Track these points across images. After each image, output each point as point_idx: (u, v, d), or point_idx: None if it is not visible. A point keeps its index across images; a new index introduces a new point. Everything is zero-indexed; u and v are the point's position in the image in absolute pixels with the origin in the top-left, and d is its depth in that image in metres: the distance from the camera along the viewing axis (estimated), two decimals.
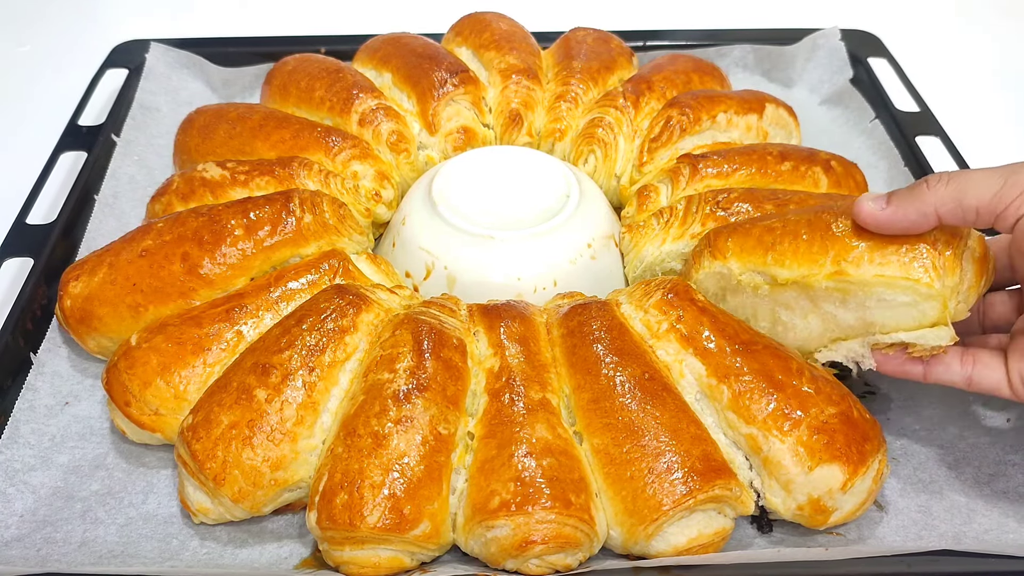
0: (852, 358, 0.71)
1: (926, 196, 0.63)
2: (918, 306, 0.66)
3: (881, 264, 0.66)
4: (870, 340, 0.69)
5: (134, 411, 0.75)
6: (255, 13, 1.52)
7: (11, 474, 0.75)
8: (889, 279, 0.66)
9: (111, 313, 0.81)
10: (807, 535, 0.71)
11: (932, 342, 0.66)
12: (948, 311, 0.65)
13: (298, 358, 0.71)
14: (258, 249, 0.82)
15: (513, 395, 0.71)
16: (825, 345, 0.72)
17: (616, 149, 1.00)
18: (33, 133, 1.17)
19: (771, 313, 0.74)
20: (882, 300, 0.67)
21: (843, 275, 0.67)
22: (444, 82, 1.03)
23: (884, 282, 0.66)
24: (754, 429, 0.69)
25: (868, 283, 0.67)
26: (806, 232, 0.70)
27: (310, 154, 0.96)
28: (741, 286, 0.75)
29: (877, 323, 0.68)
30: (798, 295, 0.71)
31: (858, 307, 0.68)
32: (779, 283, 0.72)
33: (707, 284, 0.78)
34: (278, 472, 0.69)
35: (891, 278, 0.66)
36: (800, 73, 1.24)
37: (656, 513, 0.65)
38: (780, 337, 0.74)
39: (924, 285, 0.65)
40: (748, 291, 0.75)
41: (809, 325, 0.72)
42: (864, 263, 0.67)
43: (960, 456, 0.77)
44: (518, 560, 0.66)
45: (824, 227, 0.70)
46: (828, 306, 0.70)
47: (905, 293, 0.66)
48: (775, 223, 0.73)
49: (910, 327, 0.67)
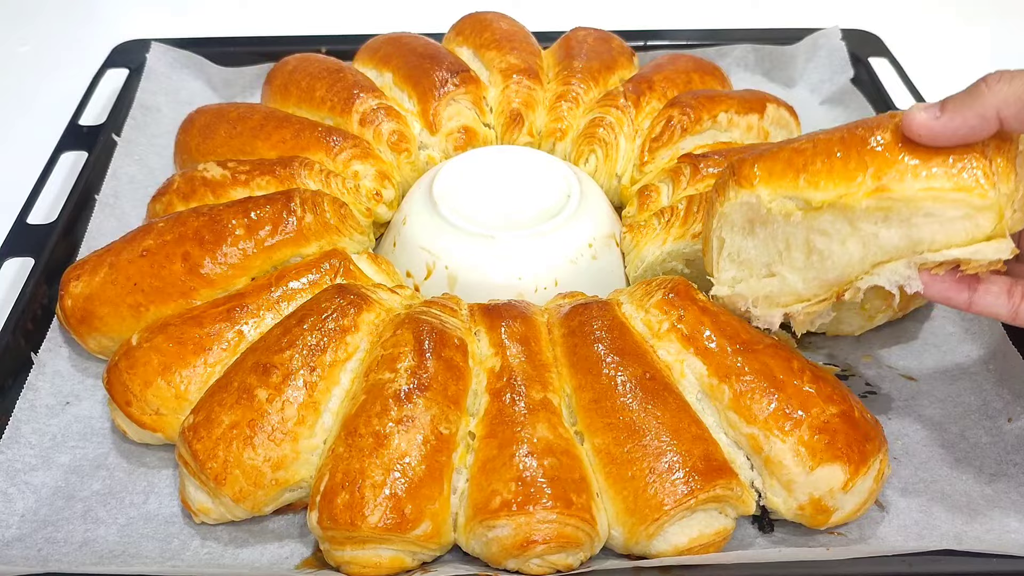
0: (896, 281, 0.64)
1: (986, 97, 0.56)
2: (972, 219, 0.60)
3: (928, 177, 0.59)
4: (917, 260, 0.63)
5: (135, 411, 0.75)
6: (255, 13, 1.52)
7: (12, 474, 0.74)
8: (938, 192, 0.59)
9: (112, 313, 0.81)
10: (808, 535, 0.71)
11: (990, 256, 0.60)
12: (1005, 221, 0.59)
13: (299, 358, 0.71)
14: (259, 249, 0.82)
15: (514, 395, 0.71)
16: (867, 271, 0.65)
17: (617, 149, 1.00)
18: (33, 133, 1.16)
19: (805, 242, 0.67)
20: (930, 215, 0.60)
21: (885, 191, 0.61)
22: (445, 82, 1.03)
23: (932, 196, 0.59)
24: (755, 429, 0.69)
25: (914, 198, 0.60)
26: (840, 149, 0.63)
27: (311, 154, 0.96)
28: (771, 215, 0.68)
29: (925, 240, 0.62)
30: (835, 218, 0.64)
31: (903, 224, 0.62)
32: (814, 207, 0.65)
33: (734, 217, 0.71)
34: (279, 472, 0.69)
35: (940, 190, 0.59)
36: (801, 73, 1.24)
37: (657, 513, 0.65)
38: (816, 268, 0.68)
39: (977, 195, 0.58)
40: (779, 220, 0.68)
41: (848, 251, 0.65)
42: (908, 177, 0.60)
43: (961, 456, 0.77)
44: (519, 560, 0.66)
45: (860, 142, 0.62)
46: (869, 227, 0.63)
47: (956, 206, 0.59)
48: (804, 144, 0.66)
49: (963, 242, 0.61)
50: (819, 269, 0.68)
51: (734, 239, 0.72)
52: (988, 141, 0.59)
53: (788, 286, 0.70)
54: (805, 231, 0.67)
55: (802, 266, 0.68)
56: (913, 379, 0.84)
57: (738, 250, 0.72)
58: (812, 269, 0.68)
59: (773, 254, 0.70)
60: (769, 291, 0.71)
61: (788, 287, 0.70)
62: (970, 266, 0.62)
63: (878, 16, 1.44)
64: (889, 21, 1.37)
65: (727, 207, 0.71)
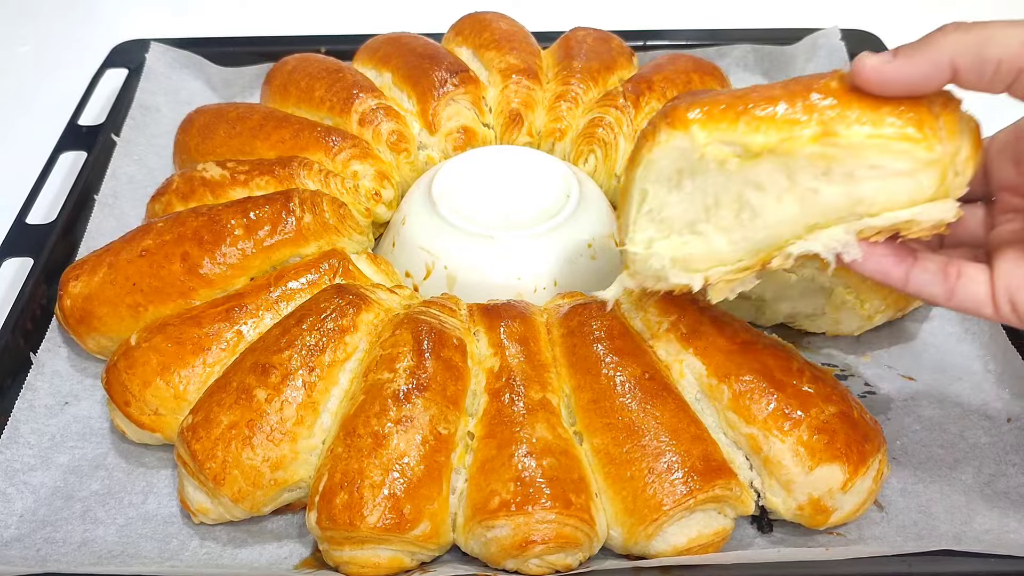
0: (834, 248, 0.60)
1: (941, 43, 0.53)
2: (915, 176, 0.57)
3: (875, 123, 0.56)
4: (856, 226, 0.59)
5: (134, 411, 0.75)
6: (255, 13, 1.52)
7: (11, 474, 0.75)
8: (885, 140, 0.56)
9: (111, 313, 0.81)
10: (807, 535, 0.71)
11: (935, 216, 0.58)
12: (948, 181, 0.57)
13: (298, 358, 0.71)
14: (258, 249, 0.82)
15: (513, 395, 0.71)
16: (799, 235, 0.61)
17: (616, 149, 1.00)
18: (33, 133, 1.16)
19: (737, 197, 0.61)
20: (875, 167, 0.57)
21: (831, 136, 0.57)
22: (444, 82, 1.03)
23: (878, 145, 0.56)
24: (754, 429, 0.69)
25: (860, 146, 0.57)
26: (784, 95, 0.59)
27: (310, 154, 0.96)
28: (704, 162, 0.61)
29: (866, 200, 0.58)
30: (774, 168, 0.59)
31: (845, 178, 0.58)
32: (752, 153, 0.59)
33: (661, 164, 0.63)
34: (278, 472, 0.69)
35: (887, 138, 0.56)
36: (800, 73, 1.24)
37: (656, 513, 0.65)
38: (747, 226, 0.62)
39: (924, 147, 0.56)
40: (712, 169, 0.61)
41: (783, 208, 0.60)
42: (855, 124, 0.57)
43: (960, 456, 0.77)
44: (518, 560, 0.66)
45: (806, 88, 0.59)
46: (809, 180, 0.59)
47: (901, 159, 0.56)
48: (747, 90, 0.61)
49: (905, 203, 0.58)
50: (749, 228, 0.62)
51: (658, 192, 0.64)
52: (935, 98, 0.57)
53: (712, 248, 0.64)
54: (739, 184, 0.61)
55: (730, 225, 0.63)
56: (912, 379, 0.84)
57: (660, 206, 0.65)
58: (741, 228, 0.62)
59: (699, 210, 0.63)
60: (688, 252, 0.64)
61: (712, 249, 0.64)
62: (911, 231, 0.59)
63: (878, 16, 1.44)
64: (889, 21, 1.37)
65: (656, 152, 0.63)
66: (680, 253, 0.64)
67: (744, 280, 0.64)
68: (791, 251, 0.61)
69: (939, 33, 0.54)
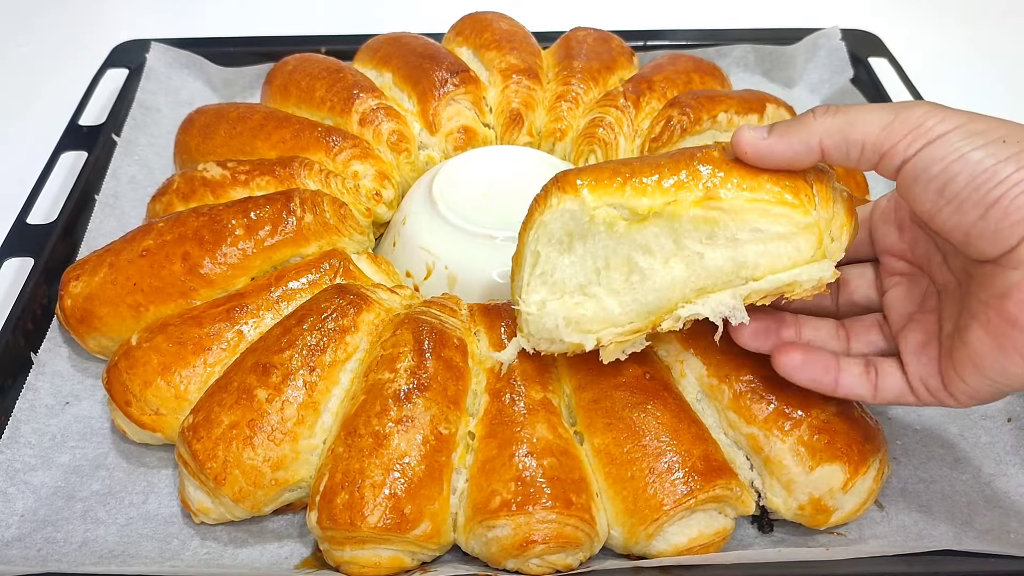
0: (722, 312, 0.63)
1: (812, 125, 0.58)
2: (793, 240, 0.61)
3: (755, 188, 0.60)
4: (743, 290, 0.63)
5: (135, 411, 0.75)
6: (255, 13, 1.52)
7: (12, 474, 0.75)
8: (764, 204, 0.60)
9: (112, 313, 0.81)
10: (808, 535, 0.71)
11: (815, 276, 0.61)
12: (825, 245, 0.61)
13: (299, 358, 0.71)
14: (259, 249, 0.82)
15: (514, 395, 0.71)
16: (688, 299, 0.64)
17: (617, 149, 1.00)
18: (33, 133, 1.17)
19: (627, 261, 0.64)
20: (756, 231, 0.61)
21: (714, 199, 0.60)
22: (444, 82, 1.03)
23: (758, 209, 0.60)
24: (755, 429, 0.69)
25: (741, 210, 0.60)
26: (668, 164, 0.62)
27: (311, 154, 0.96)
28: (593, 225, 0.63)
29: (750, 263, 0.62)
30: (660, 232, 0.62)
31: (728, 243, 0.61)
32: (639, 216, 0.62)
33: (552, 227, 0.64)
34: (279, 472, 0.69)
35: (766, 203, 0.60)
36: (801, 73, 1.24)
37: (657, 513, 0.65)
38: (637, 289, 0.64)
39: (800, 212, 0.60)
40: (601, 232, 0.63)
41: (671, 271, 0.63)
42: (735, 189, 0.60)
43: (961, 456, 0.77)
44: (519, 560, 0.66)
45: (690, 156, 0.62)
46: (695, 244, 0.62)
47: (780, 222, 0.60)
48: (635, 159, 0.64)
49: (786, 266, 0.62)
50: (639, 291, 0.64)
51: (550, 254, 0.66)
52: (808, 170, 0.61)
53: (603, 309, 0.65)
54: (628, 247, 0.63)
55: (620, 288, 0.65)
56: None
57: (552, 268, 0.66)
58: (631, 291, 0.65)
59: (590, 272, 0.65)
60: (581, 313, 0.66)
61: (603, 310, 0.65)
62: (794, 292, 0.62)
63: (878, 16, 1.44)
64: (889, 21, 1.37)
65: (547, 215, 0.64)
66: (573, 314, 0.66)
67: (635, 341, 0.66)
68: (680, 314, 0.64)
69: (810, 115, 0.59)
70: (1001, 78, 1.37)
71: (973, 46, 1.44)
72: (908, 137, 0.55)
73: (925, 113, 0.55)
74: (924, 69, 1.23)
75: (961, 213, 0.54)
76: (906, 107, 0.56)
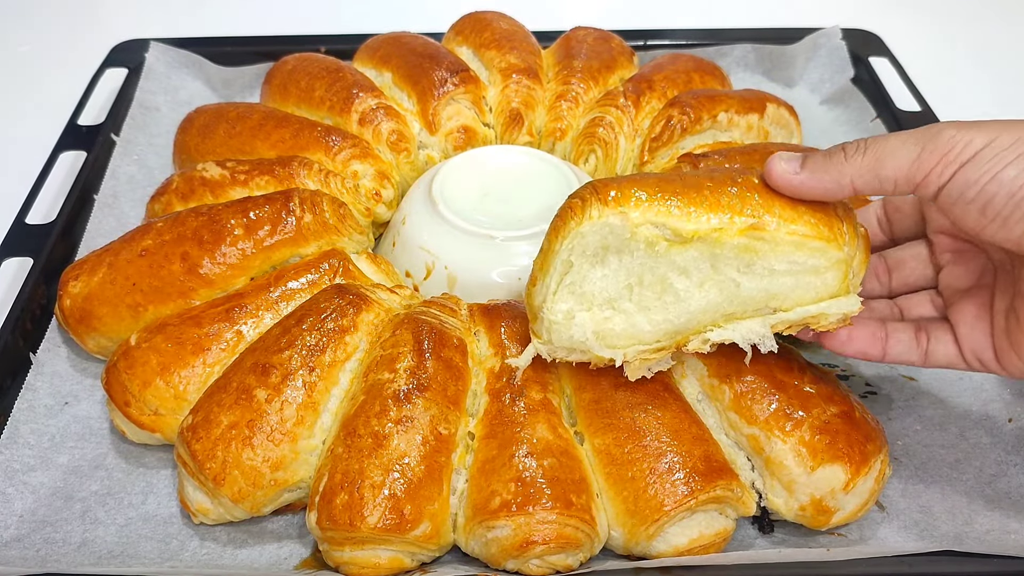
0: (751, 340, 0.64)
1: (843, 167, 0.60)
2: (823, 274, 0.63)
3: (796, 222, 0.62)
4: (771, 319, 0.64)
5: (134, 411, 0.74)
6: (255, 13, 1.52)
7: (10, 474, 0.74)
8: (802, 238, 0.62)
9: (111, 313, 0.81)
10: (808, 536, 0.71)
11: (842, 310, 0.64)
12: (848, 280, 0.64)
13: (298, 358, 0.71)
14: (258, 249, 0.82)
15: (514, 395, 0.71)
16: (716, 323, 0.65)
17: (617, 148, 1.00)
18: (33, 133, 1.16)
19: (661, 279, 0.63)
20: (793, 263, 0.62)
21: (759, 230, 0.61)
22: (444, 81, 1.03)
23: (796, 242, 0.62)
24: (756, 429, 0.68)
25: (781, 242, 0.62)
26: (710, 184, 0.62)
27: (310, 153, 0.96)
28: (633, 242, 0.62)
29: (780, 295, 0.63)
30: (699, 256, 0.62)
31: (764, 273, 0.63)
32: (683, 238, 0.61)
33: (589, 239, 0.62)
34: (278, 472, 0.69)
35: (804, 237, 0.62)
36: (801, 72, 1.24)
37: (657, 513, 0.65)
38: (669, 309, 0.64)
39: (834, 246, 0.62)
40: (640, 249, 0.62)
41: (705, 295, 0.63)
42: (779, 220, 0.62)
43: (961, 456, 0.77)
44: (519, 560, 0.66)
45: (731, 181, 0.63)
46: (732, 271, 0.63)
47: (815, 256, 0.62)
48: (672, 176, 0.64)
49: (812, 299, 0.64)
50: (671, 311, 0.64)
51: (582, 265, 0.63)
52: (837, 205, 0.64)
53: (633, 326, 0.64)
54: (665, 267, 0.63)
55: (652, 306, 0.64)
56: (913, 379, 0.84)
57: (583, 279, 0.64)
58: (663, 310, 0.64)
59: (622, 288, 0.64)
60: (610, 327, 0.64)
61: (633, 327, 0.64)
62: (820, 324, 0.65)
63: (878, 16, 1.44)
64: (889, 21, 1.37)
65: (586, 226, 0.62)
66: (602, 327, 0.65)
67: (660, 360, 0.66)
68: (709, 337, 0.65)
69: (840, 155, 0.60)
70: (1002, 77, 1.37)
71: (974, 45, 1.44)
72: (939, 166, 0.56)
73: (952, 138, 0.56)
74: (925, 68, 1.22)
75: (1007, 229, 0.56)
76: (932, 135, 0.57)
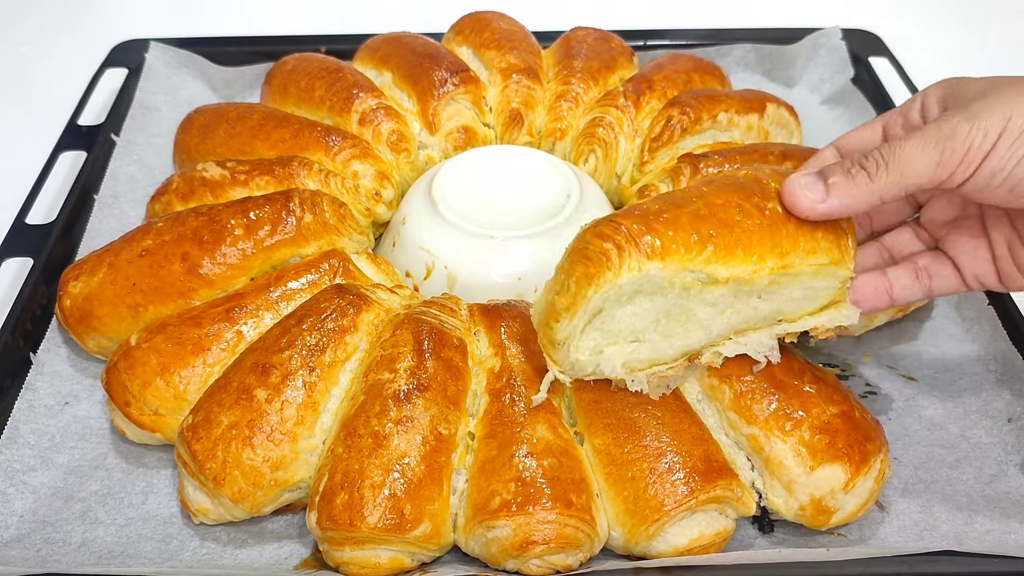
0: (763, 352, 0.68)
1: (871, 187, 0.61)
2: (828, 291, 0.67)
3: (814, 253, 0.64)
4: (777, 330, 0.68)
5: (134, 411, 0.74)
6: (255, 13, 1.52)
7: (11, 474, 0.74)
8: (819, 266, 0.65)
9: (111, 313, 0.81)
10: (808, 536, 0.71)
11: (843, 323, 0.68)
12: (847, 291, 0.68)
13: (298, 358, 0.71)
14: (258, 249, 0.82)
15: (514, 395, 0.71)
16: (728, 337, 0.68)
17: (617, 148, 1.00)
18: (33, 133, 1.16)
19: (688, 312, 0.64)
20: (809, 288, 0.66)
21: (788, 268, 0.64)
22: (444, 81, 1.03)
23: (813, 270, 0.65)
24: (756, 429, 0.69)
25: (801, 273, 0.64)
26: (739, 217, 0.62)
27: (310, 154, 0.96)
28: (670, 287, 0.62)
29: (787, 310, 0.67)
30: (727, 292, 0.64)
31: (782, 299, 0.66)
32: (717, 281, 0.62)
33: (625, 289, 0.61)
34: (278, 472, 0.69)
35: (821, 265, 0.65)
36: (801, 72, 1.24)
37: (657, 513, 0.65)
38: (688, 335, 0.66)
39: (843, 267, 0.66)
40: (674, 292, 0.63)
41: (725, 319, 0.66)
42: (803, 255, 0.64)
43: (962, 456, 0.77)
44: (519, 560, 0.66)
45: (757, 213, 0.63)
46: (753, 300, 0.65)
47: (828, 278, 0.66)
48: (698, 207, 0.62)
49: (814, 311, 0.68)
50: (693, 337, 0.66)
51: (612, 308, 0.63)
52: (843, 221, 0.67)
53: (658, 352, 0.66)
54: (695, 303, 0.64)
55: (675, 333, 0.65)
56: (913, 379, 0.84)
57: (611, 318, 0.63)
58: (686, 337, 0.66)
59: (648, 322, 0.64)
60: (636, 357, 0.66)
61: (656, 353, 0.66)
62: (818, 333, 0.69)
63: (878, 16, 1.43)
64: (889, 21, 1.37)
65: (625, 279, 0.60)
66: (631, 359, 0.66)
67: (677, 375, 0.68)
68: (722, 351, 0.68)
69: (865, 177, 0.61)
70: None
71: (974, 45, 1.44)
72: (963, 164, 0.58)
73: (967, 134, 0.57)
74: (925, 68, 1.22)
75: None
76: (946, 134, 0.58)
